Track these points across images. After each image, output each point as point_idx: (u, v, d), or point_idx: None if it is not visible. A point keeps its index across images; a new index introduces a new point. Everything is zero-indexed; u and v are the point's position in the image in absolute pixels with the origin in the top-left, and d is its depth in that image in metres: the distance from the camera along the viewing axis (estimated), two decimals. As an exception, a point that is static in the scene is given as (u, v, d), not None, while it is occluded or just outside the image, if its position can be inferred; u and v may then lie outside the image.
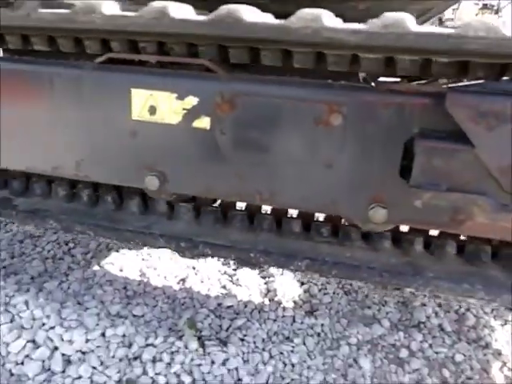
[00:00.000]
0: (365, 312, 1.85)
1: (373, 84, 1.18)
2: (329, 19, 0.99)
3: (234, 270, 2.13)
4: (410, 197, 1.12)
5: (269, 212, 1.50)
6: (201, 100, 1.18)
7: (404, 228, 1.36)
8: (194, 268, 2.10)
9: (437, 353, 1.64)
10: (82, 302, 1.63)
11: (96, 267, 2.04)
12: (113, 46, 1.26)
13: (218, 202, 1.61)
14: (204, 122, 1.20)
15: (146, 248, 2.23)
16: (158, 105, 1.22)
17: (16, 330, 1.35)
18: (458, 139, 1.02)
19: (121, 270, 2.03)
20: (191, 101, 1.19)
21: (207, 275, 2.05)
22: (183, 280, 2.00)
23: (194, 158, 1.27)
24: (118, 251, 2.22)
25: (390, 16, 0.95)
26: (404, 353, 1.62)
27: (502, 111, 0.98)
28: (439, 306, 1.92)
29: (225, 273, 2.11)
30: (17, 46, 1.38)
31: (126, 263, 2.10)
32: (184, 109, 1.21)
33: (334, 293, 1.98)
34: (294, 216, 1.47)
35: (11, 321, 1.40)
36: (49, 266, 2.03)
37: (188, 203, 1.50)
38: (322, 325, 1.69)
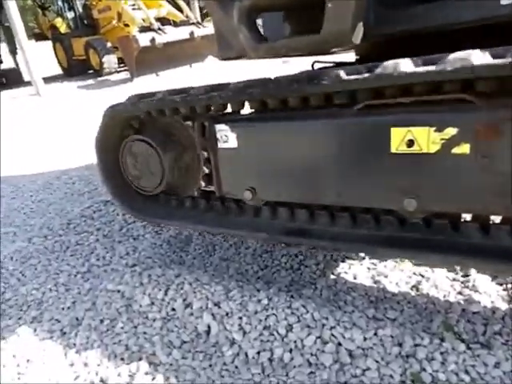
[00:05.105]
0: None
1: None
2: None
3: (464, 276, 2.18)
4: None
5: None
6: (460, 129, 1.34)
7: None
8: (422, 276, 2.23)
9: None
10: (342, 307, 1.94)
11: (332, 276, 2.37)
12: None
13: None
14: (464, 148, 1.36)
15: (368, 258, 2.47)
16: (416, 138, 1.43)
17: (306, 328, 1.72)
18: None
19: (355, 278, 2.31)
20: (450, 131, 1.36)
21: (439, 282, 2.16)
22: (415, 286, 2.16)
23: (450, 181, 1.43)
24: (344, 261, 2.52)
25: None
26: None
27: None
28: None
29: (454, 279, 2.18)
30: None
31: (357, 272, 2.36)
32: (442, 139, 1.38)
33: None
34: None
35: (298, 320, 1.78)
36: (294, 276, 2.44)
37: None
38: None
